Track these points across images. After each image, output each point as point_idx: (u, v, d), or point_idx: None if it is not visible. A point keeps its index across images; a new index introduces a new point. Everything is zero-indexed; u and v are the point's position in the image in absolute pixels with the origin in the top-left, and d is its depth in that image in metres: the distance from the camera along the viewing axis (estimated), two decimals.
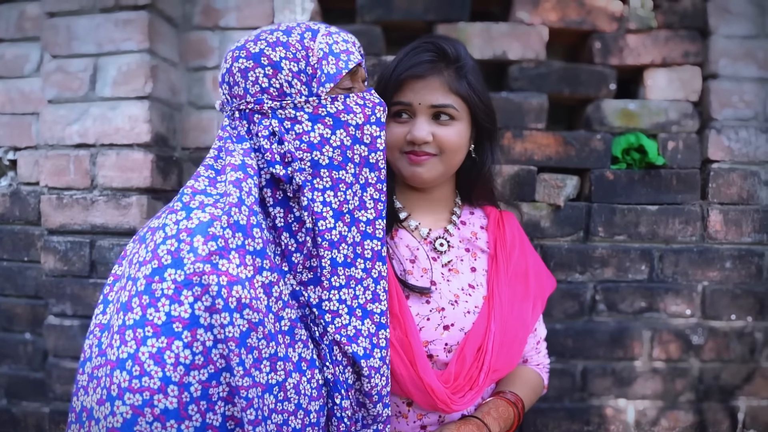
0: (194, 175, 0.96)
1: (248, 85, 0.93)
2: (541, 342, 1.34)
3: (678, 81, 1.69)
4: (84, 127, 1.58)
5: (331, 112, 0.95)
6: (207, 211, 0.84)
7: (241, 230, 0.84)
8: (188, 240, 0.80)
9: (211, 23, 1.71)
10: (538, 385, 1.30)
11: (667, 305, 1.67)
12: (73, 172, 1.60)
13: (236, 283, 0.80)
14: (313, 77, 0.94)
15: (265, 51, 0.93)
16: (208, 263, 0.79)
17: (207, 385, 0.78)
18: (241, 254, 0.83)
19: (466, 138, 1.16)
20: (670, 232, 1.66)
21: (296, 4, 1.69)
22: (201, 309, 0.78)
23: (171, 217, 0.85)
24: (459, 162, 1.17)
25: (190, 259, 0.79)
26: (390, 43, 1.74)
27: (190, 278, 0.78)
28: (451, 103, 1.11)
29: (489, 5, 1.77)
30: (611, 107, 1.67)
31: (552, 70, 1.67)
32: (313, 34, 0.95)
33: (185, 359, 0.77)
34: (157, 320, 0.77)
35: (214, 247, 0.80)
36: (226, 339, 0.79)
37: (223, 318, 0.78)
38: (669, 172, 1.66)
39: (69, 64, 1.59)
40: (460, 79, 1.12)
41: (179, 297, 0.78)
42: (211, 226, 0.82)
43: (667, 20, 1.69)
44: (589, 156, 1.65)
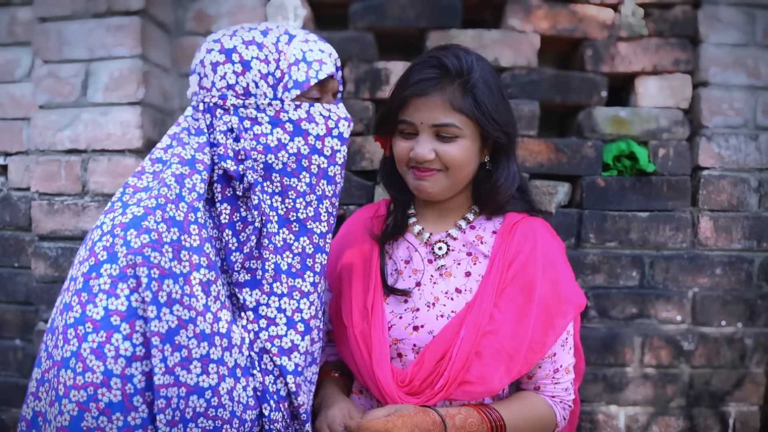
0: (138, 172, 0.94)
1: (216, 79, 0.93)
2: (562, 371, 1.16)
3: (669, 89, 1.70)
4: (75, 133, 1.57)
5: (292, 119, 0.95)
6: (141, 206, 0.84)
7: (176, 225, 0.84)
8: (122, 234, 0.81)
9: (203, 29, 1.71)
10: (542, 417, 1.14)
11: (658, 311, 1.68)
12: (64, 177, 1.59)
13: (168, 276, 0.80)
14: (280, 81, 0.94)
15: (238, 48, 0.93)
16: (139, 255, 0.79)
17: (151, 376, 0.78)
18: (176, 249, 0.82)
19: (473, 153, 1.13)
20: (660, 239, 1.67)
21: (289, 10, 1.69)
22: (138, 301, 0.78)
23: (109, 216, 0.85)
24: (466, 177, 1.15)
25: (123, 252, 0.79)
26: (382, 50, 1.75)
27: (124, 271, 0.79)
28: (452, 122, 1.08)
29: (481, 13, 1.78)
30: (602, 114, 1.68)
31: (544, 78, 1.68)
32: (290, 39, 0.95)
33: (125, 351, 0.77)
34: (95, 315, 0.78)
35: (146, 240, 0.80)
36: (151, 333, 0.78)
37: (150, 311, 0.79)
38: (660, 179, 1.67)
39: (60, 69, 1.59)
40: (465, 95, 1.09)
41: (115, 291, 0.78)
42: (145, 219, 0.82)
43: (657, 28, 1.71)
44: (581, 163, 1.66)
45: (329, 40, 1.64)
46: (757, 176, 1.68)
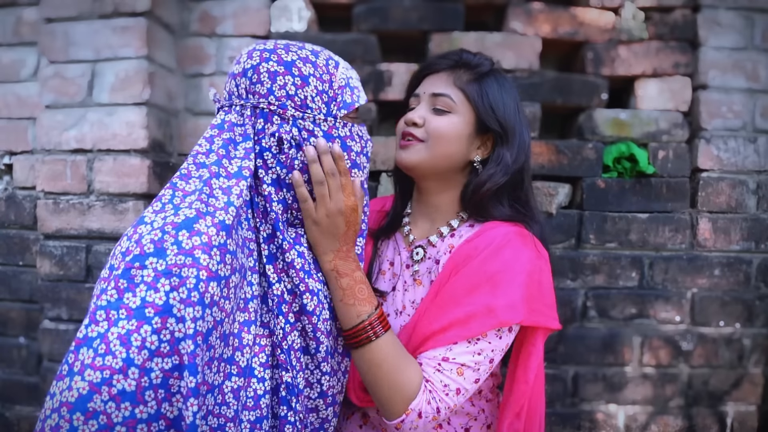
0: (184, 175, 0.93)
1: (274, 88, 0.97)
2: (451, 364, 1.01)
3: (668, 91, 1.72)
4: (81, 133, 1.59)
5: (341, 135, 1.02)
6: (194, 208, 0.87)
7: (225, 229, 0.87)
8: (173, 233, 0.82)
9: (208, 30, 1.72)
10: (405, 378, 1.00)
11: (657, 312, 1.70)
12: (69, 177, 1.61)
13: (214, 279, 0.82)
14: (333, 100, 1.01)
15: (296, 63, 0.98)
16: (189, 256, 0.81)
17: (169, 375, 0.78)
18: (223, 252, 0.85)
19: (460, 133, 1.11)
20: (660, 240, 1.69)
21: (293, 12, 1.70)
22: (176, 299, 0.79)
23: (159, 215, 0.87)
24: (448, 155, 1.11)
25: (173, 250, 0.81)
26: (385, 52, 1.76)
27: (170, 268, 0.80)
28: (448, 93, 1.11)
29: (483, 16, 1.79)
30: (603, 117, 1.70)
31: (545, 80, 1.69)
32: (336, 64, 1.04)
33: (151, 344, 0.77)
34: (132, 304, 0.78)
35: (197, 242, 0.82)
36: (196, 333, 0.79)
37: (196, 312, 0.80)
38: (659, 181, 1.69)
39: (66, 69, 1.60)
40: (472, 81, 1.12)
41: (156, 284, 0.79)
42: (197, 222, 0.84)
43: (657, 32, 1.73)
44: (581, 164, 1.68)
45: (333, 42, 1.69)
46: (756, 178, 1.70)
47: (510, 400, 1.10)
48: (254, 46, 1.01)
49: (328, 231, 1.02)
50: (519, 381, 1.09)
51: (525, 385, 1.09)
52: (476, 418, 1.17)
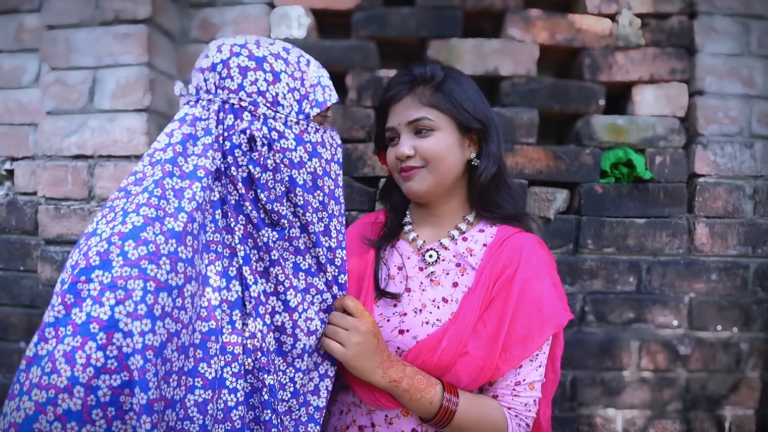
0: (138, 179, 0.90)
1: (245, 83, 0.94)
2: (524, 386, 1.13)
3: (665, 97, 1.73)
4: (82, 139, 1.60)
5: (312, 141, 1.00)
6: (141, 214, 0.83)
7: (174, 237, 0.83)
8: (119, 243, 0.79)
9: (208, 37, 1.73)
10: (493, 422, 1.10)
11: (655, 316, 1.71)
12: (71, 183, 1.62)
13: (163, 289, 0.79)
14: (305, 98, 0.99)
15: (268, 58, 0.96)
16: (135, 268, 0.78)
17: (119, 392, 0.75)
18: (173, 261, 0.82)
19: (451, 144, 1.17)
20: (657, 245, 1.70)
21: (292, 19, 1.72)
22: (122, 313, 0.76)
23: (110, 225, 0.83)
24: (450, 170, 1.18)
25: (119, 262, 0.78)
26: (384, 58, 1.77)
27: (116, 281, 0.77)
28: (424, 115, 1.16)
29: (481, 22, 1.81)
30: (600, 123, 1.71)
31: (543, 86, 1.71)
32: (307, 62, 1.02)
33: (96, 361, 0.74)
34: (78, 320, 0.75)
35: (144, 252, 0.79)
36: (145, 348, 0.76)
37: (144, 325, 0.77)
38: (656, 186, 1.70)
39: (68, 76, 1.61)
40: (435, 92, 1.17)
41: (101, 298, 0.76)
42: (144, 230, 0.81)
43: (654, 38, 1.74)
44: (579, 170, 1.69)
45: (332, 48, 1.71)
46: (752, 183, 1.71)
47: (544, 394, 1.21)
48: (223, 40, 0.98)
49: (365, 355, 1.05)
50: (548, 371, 1.20)
51: (554, 375, 1.23)
52: None
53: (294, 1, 1.72)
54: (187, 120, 0.95)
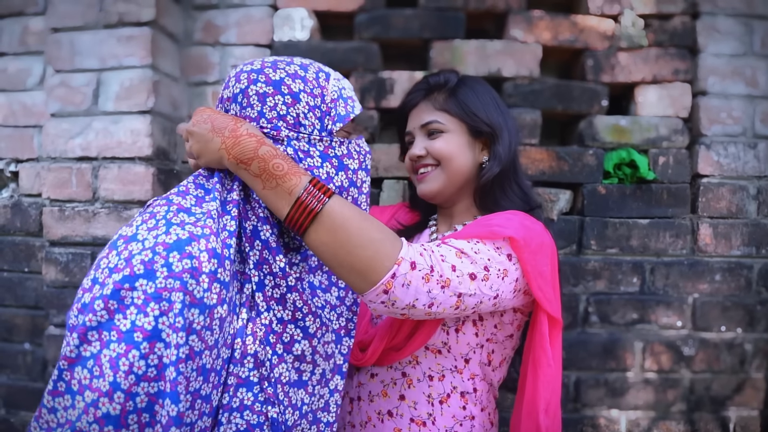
0: (182, 191, 0.94)
1: (265, 110, 0.95)
2: (448, 245, 1.02)
3: (668, 98, 1.73)
4: (86, 141, 1.61)
5: (338, 155, 1.00)
6: (187, 229, 0.84)
7: (216, 257, 0.84)
8: (164, 254, 0.81)
9: (211, 39, 1.74)
10: (378, 239, 0.92)
11: (659, 317, 1.70)
12: (75, 184, 1.62)
13: (196, 306, 0.80)
14: (327, 114, 0.99)
15: (285, 80, 0.96)
16: (178, 280, 0.79)
17: (154, 399, 0.78)
18: (211, 280, 0.83)
19: (461, 145, 1.24)
20: (661, 246, 1.69)
21: (295, 21, 1.72)
22: (165, 324, 0.78)
23: (152, 232, 0.84)
24: (461, 169, 1.24)
25: (163, 273, 0.79)
26: (387, 60, 1.78)
27: (160, 292, 0.79)
28: (435, 119, 1.25)
29: (484, 23, 1.81)
30: (603, 123, 1.71)
31: (545, 87, 1.71)
32: (327, 76, 1.01)
33: (138, 369, 0.77)
34: (122, 327, 0.78)
35: (188, 266, 0.81)
36: (178, 360, 0.78)
37: (180, 338, 0.78)
38: (660, 187, 1.69)
39: (72, 78, 1.62)
40: (449, 98, 1.26)
41: (146, 308, 0.78)
42: (189, 245, 0.82)
43: (657, 39, 1.74)
44: (582, 171, 1.69)
45: (335, 50, 1.71)
46: (756, 184, 1.71)
47: (534, 392, 1.11)
48: (241, 68, 0.99)
49: (201, 143, 0.95)
50: (541, 365, 1.10)
51: (549, 368, 1.11)
52: (461, 424, 1.18)
53: (297, 3, 1.73)
54: None
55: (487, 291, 1.02)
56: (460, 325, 1.16)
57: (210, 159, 0.95)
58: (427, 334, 1.14)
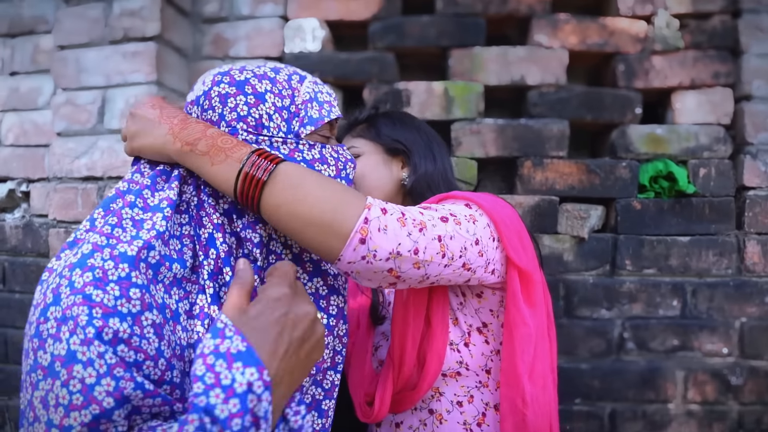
0: (108, 200, 0.85)
1: (225, 111, 0.87)
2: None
3: (708, 104, 1.60)
4: (92, 160, 1.56)
5: (306, 159, 0.91)
6: (91, 242, 0.78)
7: (127, 261, 0.76)
8: (68, 275, 0.75)
9: (221, 53, 1.69)
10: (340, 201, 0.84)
11: (702, 343, 1.57)
12: (80, 205, 1.58)
13: (113, 315, 0.72)
14: (296, 116, 0.91)
15: (250, 80, 0.89)
16: (80, 294, 0.72)
17: (94, 426, 0.69)
18: (124, 287, 0.75)
19: (375, 163, 1.25)
20: (703, 265, 1.56)
21: (307, 32, 1.65)
22: (76, 343, 0.70)
23: (64, 254, 0.79)
24: (375, 184, 1.24)
25: (66, 293, 0.73)
26: (403, 70, 1.69)
27: (65, 312, 0.72)
28: (352, 144, 1.27)
29: (505, 29, 1.71)
30: (637, 133, 1.59)
31: (573, 95, 1.60)
32: (301, 79, 0.94)
33: (63, 399, 0.70)
34: (44, 362, 0.72)
35: (89, 278, 0.73)
36: (111, 369, 0.70)
37: (98, 349, 0.70)
38: (701, 201, 1.56)
39: (78, 96, 1.58)
40: (366, 127, 1.29)
41: (59, 334, 0.71)
42: (91, 257, 0.76)
43: (694, 40, 1.61)
44: (615, 185, 1.57)
45: (348, 61, 1.63)
46: None
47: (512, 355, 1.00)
48: (210, 71, 0.93)
49: (145, 131, 0.87)
50: (516, 324, 0.99)
51: (525, 327, 1.00)
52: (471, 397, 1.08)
53: (308, 14, 1.66)
54: None
55: (465, 234, 0.91)
56: (468, 338, 1.07)
57: (151, 143, 0.86)
58: (438, 356, 1.04)
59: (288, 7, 1.68)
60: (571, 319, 1.57)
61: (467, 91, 1.59)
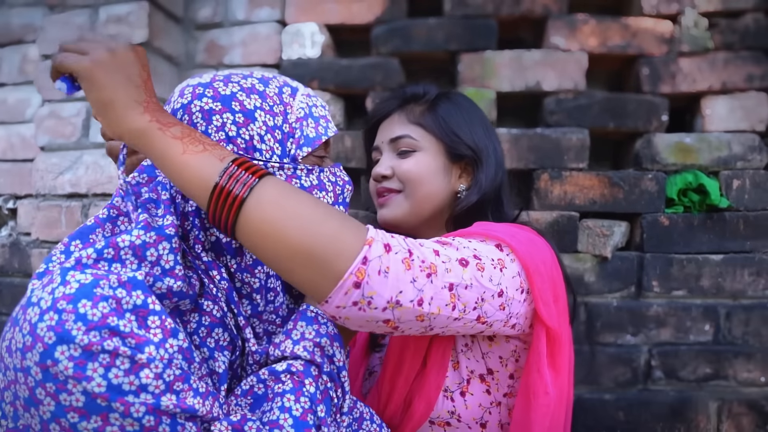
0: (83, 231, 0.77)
1: (210, 130, 0.78)
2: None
3: (741, 109, 1.48)
4: (76, 176, 1.47)
5: (304, 185, 0.82)
6: (88, 272, 0.68)
7: (139, 287, 0.68)
8: (71, 308, 0.65)
9: (215, 61, 1.59)
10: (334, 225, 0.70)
11: (737, 371, 1.45)
12: (64, 224, 1.48)
13: (148, 343, 0.65)
14: (290, 136, 0.82)
15: (237, 95, 0.79)
16: (105, 328, 0.64)
17: None
18: (141, 315, 0.67)
19: (434, 169, 1.04)
20: (738, 286, 1.44)
21: (305, 37, 1.55)
22: (120, 375, 0.63)
23: (46, 289, 0.68)
24: (429, 197, 1.04)
25: (81, 329, 0.64)
26: (409, 76, 1.59)
27: (89, 349, 0.63)
28: (407, 133, 1.06)
29: (519, 31, 1.60)
30: (664, 142, 1.47)
31: (594, 102, 1.48)
32: (293, 91, 0.85)
33: (132, 426, 0.64)
34: (77, 403, 0.63)
35: (107, 309, 0.65)
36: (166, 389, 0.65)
37: (155, 367, 0.65)
38: (734, 216, 1.44)
39: (62, 108, 1.50)
40: (426, 111, 1.07)
41: (85, 373, 0.63)
42: (97, 286, 0.66)
43: (725, 40, 1.50)
44: (640, 199, 1.45)
45: (350, 67, 1.52)
46: None
47: (526, 427, 0.88)
48: (188, 82, 0.82)
49: (119, 77, 0.69)
50: (537, 393, 0.88)
51: (546, 397, 0.87)
52: None
53: (307, 18, 1.56)
54: (144, 179, 0.79)
55: (487, 283, 0.79)
56: (466, 386, 0.94)
57: (110, 87, 0.69)
58: (427, 402, 0.91)
59: (285, 11, 1.58)
60: (594, 346, 1.45)
61: (478, 98, 1.48)
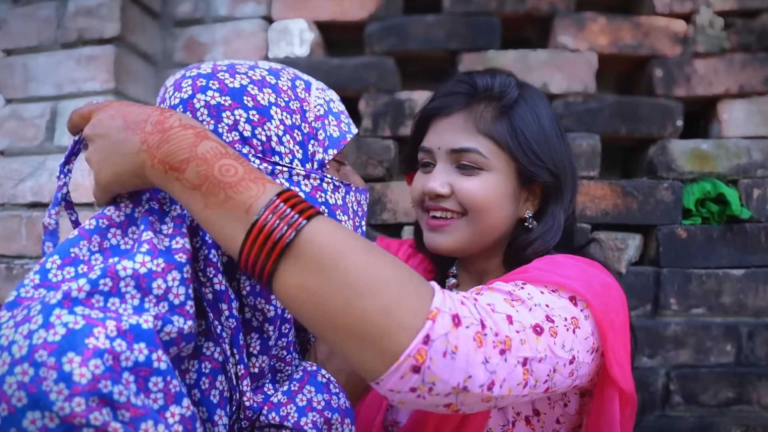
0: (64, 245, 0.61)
1: (221, 129, 0.65)
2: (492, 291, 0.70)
3: (760, 114, 1.40)
4: (38, 184, 1.33)
5: (329, 203, 0.70)
6: (80, 314, 0.54)
7: (144, 339, 0.54)
8: (52, 363, 0.51)
9: (195, 59, 1.47)
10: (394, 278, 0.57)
11: (761, 395, 1.35)
12: (25, 237, 1.34)
13: (145, 418, 0.53)
14: (312, 138, 0.70)
15: (249, 89, 0.66)
16: (94, 395, 0.50)
17: None
18: (142, 376, 0.54)
19: (504, 194, 0.88)
20: (761, 303, 1.35)
21: (293, 34, 1.44)
22: None
23: (21, 328, 0.53)
24: (495, 227, 0.89)
25: (63, 393, 0.50)
26: (405, 78, 1.49)
27: (69, 421, 0.50)
28: (474, 147, 0.87)
29: (524, 30, 1.51)
30: (679, 148, 1.37)
31: (604, 105, 1.38)
32: (307, 86, 0.73)
33: None
34: None
35: (99, 369, 0.51)
36: None
37: None
38: (756, 227, 1.35)
39: (25, 109, 1.36)
40: (498, 117, 0.88)
41: None
42: (90, 335, 0.52)
43: (742, 41, 1.42)
44: (655, 209, 1.35)
45: (342, 67, 1.41)
46: None
47: None
48: (183, 73, 0.69)
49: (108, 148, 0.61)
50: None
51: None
52: None
53: (295, 14, 1.45)
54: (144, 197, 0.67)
55: (560, 351, 0.67)
56: (510, 429, 0.82)
57: (121, 172, 0.60)
58: None
59: (272, 6, 1.47)
60: None
61: None
